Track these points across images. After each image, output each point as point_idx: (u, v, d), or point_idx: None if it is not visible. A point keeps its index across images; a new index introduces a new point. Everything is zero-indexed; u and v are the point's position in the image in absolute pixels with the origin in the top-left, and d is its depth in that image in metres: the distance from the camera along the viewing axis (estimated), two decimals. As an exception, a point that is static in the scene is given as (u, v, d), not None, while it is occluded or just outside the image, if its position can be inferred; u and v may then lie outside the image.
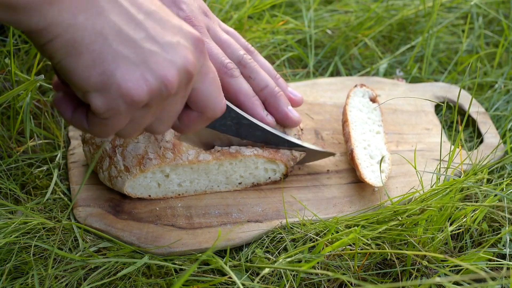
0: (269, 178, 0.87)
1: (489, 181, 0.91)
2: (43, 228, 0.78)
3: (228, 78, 0.83)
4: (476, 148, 0.95)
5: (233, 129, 0.81)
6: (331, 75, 1.13)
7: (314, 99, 1.02)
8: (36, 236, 0.76)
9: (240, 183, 0.86)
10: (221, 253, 0.79)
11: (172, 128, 0.69)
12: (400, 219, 0.77)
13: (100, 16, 0.56)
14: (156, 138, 0.80)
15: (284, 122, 0.87)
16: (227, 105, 0.77)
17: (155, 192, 0.83)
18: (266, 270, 0.69)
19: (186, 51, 0.61)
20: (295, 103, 0.89)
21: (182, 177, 0.82)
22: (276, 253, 0.78)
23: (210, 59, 0.82)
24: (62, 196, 0.84)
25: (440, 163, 0.82)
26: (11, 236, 0.74)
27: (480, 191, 0.82)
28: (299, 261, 0.74)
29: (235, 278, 0.66)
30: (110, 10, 0.57)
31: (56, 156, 0.89)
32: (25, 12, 0.54)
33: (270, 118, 0.85)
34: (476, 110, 1.02)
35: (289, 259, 0.74)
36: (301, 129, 0.90)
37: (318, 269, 0.76)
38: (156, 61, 0.59)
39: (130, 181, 0.80)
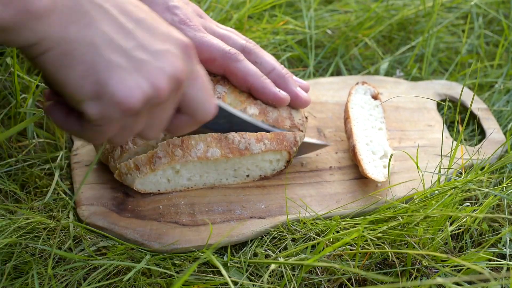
0: (274, 170, 0.87)
1: (491, 175, 0.91)
2: (44, 228, 0.78)
3: (233, 62, 0.84)
4: (477, 144, 0.96)
5: (225, 127, 0.81)
6: (332, 75, 1.13)
7: (316, 98, 1.02)
8: (36, 236, 0.76)
9: (248, 176, 0.86)
10: (221, 251, 0.79)
11: (165, 131, 0.69)
12: (400, 219, 0.77)
13: (90, 26, 0.57)
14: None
15: (294, 103, 0.88)
16: (219, 106, 0.77)
17: (165, 187, 0.83)
18: (273, 266, 0.69)
19: (175, 58, 0.61)
20: (302, 89, 0.90)
21: (192, 171, 0.83)
22: (277, 251, 0.78)
23: (211, 50, 0.83)
24: (63, 195, 0.84)
25: (441, 161, 0.83)
26: (11, 236, 0.74)
27: (481, 192, 0.82)
28: (299, 264, 0.74)
29: (224, 273, 0.66)
30: (100, 20, 0.57)
31: (58, 156, 0.89)
32: (13, 31, 0.54)
33: (283, 93, 0.86)
34: (477, 106, 1.02)
35: (291, 259, 0.74)
36: (306, 117, 0.91)
37: (319, 269, 0.76)
38: (148, 69, 0.59)
39: (140, 179, 0.80)
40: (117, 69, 0.58)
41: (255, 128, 0.83)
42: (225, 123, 0.81)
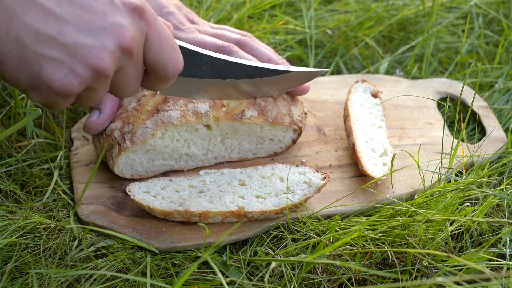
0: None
1: (490, 177, 0.91)
2: (44, 228, 0.77)
3: (228, 54, 0.84)
4: (477, 142, 0.96)
5: (210, 72, 0.78)
6: (332, 75, 1.13)
7: (316, 96, 1.03)
8: (36, 236, 0.76)
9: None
10: (221, 249, 0.79)
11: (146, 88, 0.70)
12: (400, 220, 0.77)
13: (12, 21, 0.56)
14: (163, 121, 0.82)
15: (292, 90, 0.88)
16: (197, 52, 0.75)
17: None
18: (273, 264, 0.68)
19: (117, 30, 0.60)
20: None
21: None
22: (277, 250, 0.78)
23: (205, 47, 0.84)
24: (63, 195, 0.84)
25: (441, 160, 0.83)
26: (11, 236, 0.74)
27: (481, 192, 0.82)
28: (300, 262, 0.74)
29: (216, 270, 0.65)
30: (24, 12, 0.56)
31: (57, 156, 0.89)
32: None
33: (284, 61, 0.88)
34: (478, 104, 1.02)
35: (291, 258, 0.74)
36: (305, 113, 0.91)
37: (319, 269, 0.76)
38: (83, 53, 0.58)
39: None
40: (47, 60, 0.57)
41: (242, 67, 0.80)
42: (208, 68, 0.78)
